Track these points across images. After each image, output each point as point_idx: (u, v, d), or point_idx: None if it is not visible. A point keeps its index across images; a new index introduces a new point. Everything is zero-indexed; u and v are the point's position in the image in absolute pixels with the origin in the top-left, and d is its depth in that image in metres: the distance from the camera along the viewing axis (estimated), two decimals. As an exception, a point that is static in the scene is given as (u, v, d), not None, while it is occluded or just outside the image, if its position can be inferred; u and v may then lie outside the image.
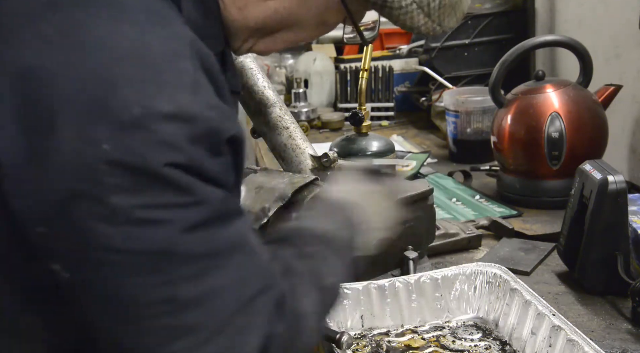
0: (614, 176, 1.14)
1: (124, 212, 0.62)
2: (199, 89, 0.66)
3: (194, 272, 0.66)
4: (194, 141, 0.64)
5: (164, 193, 0.63)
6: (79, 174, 0.62)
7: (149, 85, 0.64)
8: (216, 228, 0.67)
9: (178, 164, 0.63)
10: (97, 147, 0.61)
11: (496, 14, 2.28)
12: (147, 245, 0.63)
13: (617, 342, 1.05)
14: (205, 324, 0.67)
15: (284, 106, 1.25)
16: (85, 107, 0.62)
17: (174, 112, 0.63)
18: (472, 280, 1.15)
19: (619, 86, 1.61)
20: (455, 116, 1.96)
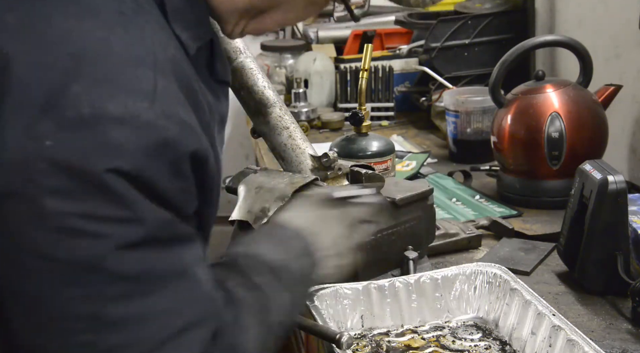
0: (614, 176, 1.15)
1: (56, 218, 0.60)
2: (157, 98, 0.64)
3: (122, 293, 0.63)
4: (146, 151, 0.62)
5: (102, 203, 0.61)
6: (17, 170, 0.60)
7: (103, 86, 0.62)
8: (153, 252, 0.64)
9: (121, 172, 0.61)
10: (39, 143, 0.60)
11: (496, 14, 2.27)
12: (76, 256, 0.61)
13: (617, 342, 1.05)
14: (129, 349, 0.64)
15: (284, 106, 1.25)
16: (35, 100, 0.61)
17: (126, 117, 0.61)
18: (472, 280, 1.15)
19: (619, 86, 1.60)
20: (455, 116, 1.96)
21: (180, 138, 0.65)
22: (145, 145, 0.62)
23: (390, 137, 2.12)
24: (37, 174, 0.59)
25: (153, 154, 0.62)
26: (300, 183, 1.08)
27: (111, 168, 0.60)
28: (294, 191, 1.06)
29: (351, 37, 2.74)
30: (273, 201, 1.05)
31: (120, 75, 0.63)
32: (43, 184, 0.59)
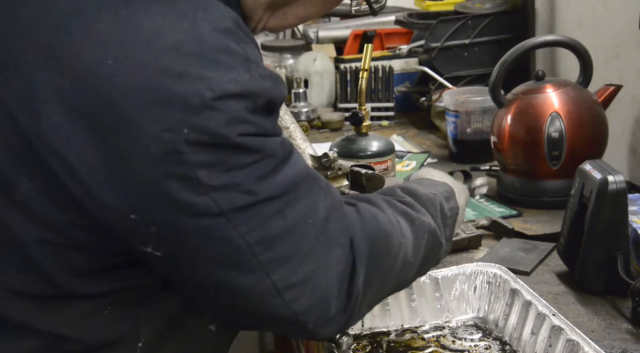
0: (614, 176, 1.14)
1: (210, 182, 0.70)
2: (250, 65, 0.72)
3: (278, 209, 0.74)
4: (256, 111, 0.72)
5: (240, 157, 0.71)
6: (164, 159, 0.68)
7: (212, 69, 0.69)
8: (284, 170, 0.75)
9: (249, 133, 0.71)
10: (176, 132, 0.67)
11: (496, 14, 2.27)
12: (235, 203, 0.71)
13: (617, 342, 1.05)
14: (295, 251, 0.76)
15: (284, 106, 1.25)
16: (150, 97, 0.67)
17: (239, 91, 0.70)
18: (472, 280, 1.15)
19: (619, 86, 1.60)
20: (455, 116, 1.96)
21: (275, 92, 0.75)
22: (257, 106, 0.73)
23: (390, 137, 2.12)
24: (184, 156, 0.68)
25: (263, 109, 0.74)
26: (301, 183, 1.08)
27: (242, 133, 0.71)
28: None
29: (351, 37, 2.74)
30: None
31: (219, 55, 0.70)
32: (191, 161, 0.68)
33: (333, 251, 0.79)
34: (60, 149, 0.68)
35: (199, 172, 0.69)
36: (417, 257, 0.92)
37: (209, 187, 0.70)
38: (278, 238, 0.75)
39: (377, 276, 0.86)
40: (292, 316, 0.78)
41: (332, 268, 0.79)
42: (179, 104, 0.67)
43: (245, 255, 0.73)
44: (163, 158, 0.68)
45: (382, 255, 0.85)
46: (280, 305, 0.77)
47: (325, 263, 0.78)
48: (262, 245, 0.74)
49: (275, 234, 0.75)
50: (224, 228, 0.72)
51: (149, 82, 0.67)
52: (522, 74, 2.05)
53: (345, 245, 0.81)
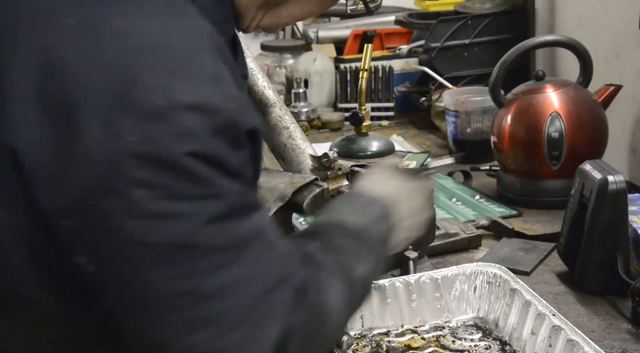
0: (614, 176, 1.15)
1: (146, 206, 0.63)
2: (218, 81, 0.68)
3: (214, 265, 0.66)
4: (214, 133, 0.65)
5: (184, 185, 0.64)
6: (103, 168, 0.63)
7: (172, 76, 0.65)
8: (235, 221, 0.68)
9: (198, 154, 0.64)
10: (121, 139, 0.63)
11: (496, 14, 2.27)
12: (168, 238, 0.64)
13: (617, 342, 1.05)
14: (225, 316, 0.67)
15: (284, 106, 1.25)
16: (108, 99, 0.63)
17: (195, 103, 0.65)
18: (472, 280, 1.15)
19: (619, 86, 1.61)
20: (455, 116, 1.96)
21: (241, 116, 0.69)
22: (214, 127, 0.66)
23: (390, 137, 2.12)
24: (124, 169, 0.63)
25: (221, 134, 0.66)
26: (300, 183, 1.08)
27: (188, 152, 0.64)
28: (293, 191, 1.06)
29: (351, 37, 2.74)
30: (273, 201, 1.06)
31: (184, 64, 0.66)
32: (130, 177, 0.63)
33: (269, 326, 0.70)
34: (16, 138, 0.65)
35: (136, 191, 0.63)
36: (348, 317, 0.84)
37: (143, 211, 0.63)
38: (209, 297, 0.66)
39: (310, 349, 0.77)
40: None
41: (263, 345, 0.69)
42: (129, 109, 0.63)
43: (165, 304, 0.66)
44: (103, 167, 0.63)
45: (317, 336, 0.76)
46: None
47: (257, 338, 0.69)
48: (189, 298, 0.66)
49: (207, 291, 0.66)
50: (149, 264, 0.65)
51: (108, 82, 0.64)
52: (522, 74, 2.05)
53: (283, 323, 0.70)
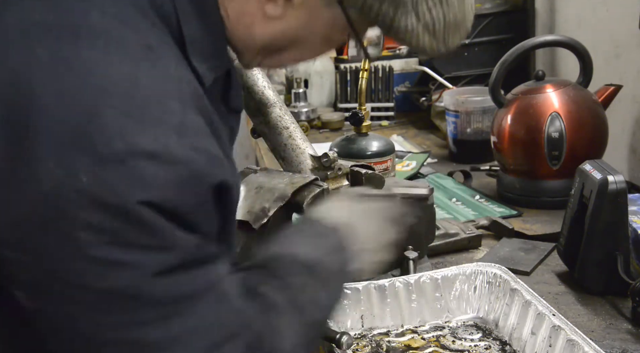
0: (614, 176, 1.14)
1: (91, 250, 0.61)
2: (185, 131, 0.65)
3: (159, 316, 0.65)
4: (173, 183, 0.63)
5: (135, 234, 0.62)
6: (52, 204, 0.61)
7: (135, 121, 0.63)
8: (185, 275, 0.66)
9: (152, 204, 0.62)
10: (74, 178, 0.61)
11: (496, 14, 2.28)
12: (113, 285, 0.62)
13: (617, 342, 1.05)
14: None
15: (284, 106, 1.25)
16: (68, 135, 0.62)
17: (155, 151, 0.63)
18: (472, 280, 1.15)
19: (619, 86, 1.61)
20: (455, 116, 1.96)
21: (207, 170, 0.67)
22: (174, 178, 0.64)
23: (390, 137, 2.12)
24: (72, 208, 0.61)
25: (182, 186, 0.64)
26: (300, 183, 1.08)
27: (143, 200, 0.62)
28: (293, 191, 1.06)
29: (351, 37, 2.74)
30: (273, 201, 1.05)
31: (149, 109, 0.64)
32: (78, 218, 0.61)
33: None
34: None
35: (82, 234, 0.61)
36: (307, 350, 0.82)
37: (88, 256, 0.61)
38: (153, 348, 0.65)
39: None
40: None
41: None
42: (87, 149, 0.61)
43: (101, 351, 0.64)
44: (52, 202, 0.61)
45: None
46: None
47: None
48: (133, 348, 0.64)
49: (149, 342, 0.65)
50: (90, 309, 0.63)
51: (68, 115, 0.62)
52: (522, 74, 2.05)
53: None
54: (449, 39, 0.85)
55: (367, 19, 0.82)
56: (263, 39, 0.83)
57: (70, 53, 0.65)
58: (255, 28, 0.82)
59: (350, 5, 0.81)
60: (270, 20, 0.81)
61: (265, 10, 0.80)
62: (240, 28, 0.82)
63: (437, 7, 0.81)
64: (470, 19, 0.87)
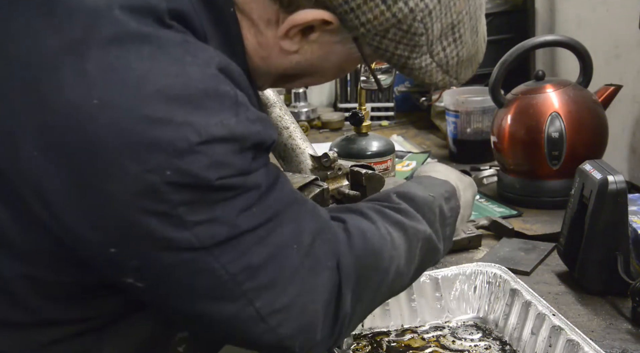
0: (614, 176, 1.15)
1: (190, 217, 0.69)
2: (239, 108, 0.72)
3: (260, 237, 0.74)
4: (242, 153, 0.72)
5: (221, 194, 0.71)
6: (144, 197, 0.67)
7: (199, 112, 0.69)
8: (268, 199, 0.75)
9: (229, 175, 0.71)
10: (158, 174, 0.67)
11: (496, 14, 2.28)
12: (216, 236, 0.71)
13: (617, 342, 1.05)
14: (279, 277, 0.75)
15: (284, 106, 1.25)
16: (138, 141, 0.66)
17: (226, 135, 0.70)
18: (472, 280, 1.15)
19: (619, 86, 1.61)
20: (455, 116, 1.96)
21: (265, 134, 0.75)
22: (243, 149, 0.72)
23: (390, 137, 2.12)
24: (164, 195, 0.67)
25: (249, 152, 0.73)
26: (300, 183, 1.08)
27: (220, 177, 0.70)
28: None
29: (351, 37, 2.74)
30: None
31: (207, 99, 0.70)
32: (171, 200, 0.68)
33: (319, 275, 0.79)
34: (37, 183, 0.68)
35: (179, 209, 0.69)
36: (410, 266, 0.92)
37: (189, 223, 0.69)
38: (261, 266, 0.74)
39: (367, 293, 0.85)
40: (277, 341, 0.77)
41: (318, 292, 0.79)
42: (163, 148, 0.67)
43: (228, 285, 0.73)
44: (143, 196, 0.67)
45: (371, 273, 0.85)
46: (264, 331, 0.76)
47: (311, 288, 0.78)
48: (245, 273, 0.74)
49: (258, 262, 0.74)
50: (206, 261, 0.72)
51: (134, 125, 0.67)
52: (522, 74, 2.05)
53: (332, 268, 0.80)
54: (461, 73, 0.87)
55: (381, 59, 0.84)
56: (279, 69, 0.86)
57: (121, 65, 0.68)
58: (272, 60, 0.85)
59: (366, 43, 0.82)
60: (286, 54, 0.84)
61: (281, 46, 0.83)
62: (256, 59, 0.85)
63: (452, 46, 0.83)
64: (483, 50, 0.90)
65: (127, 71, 0.68)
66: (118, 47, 0.69)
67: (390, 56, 0.82)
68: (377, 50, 0.82)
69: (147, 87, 0.67)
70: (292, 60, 0.84)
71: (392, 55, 0.82)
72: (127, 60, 0.68)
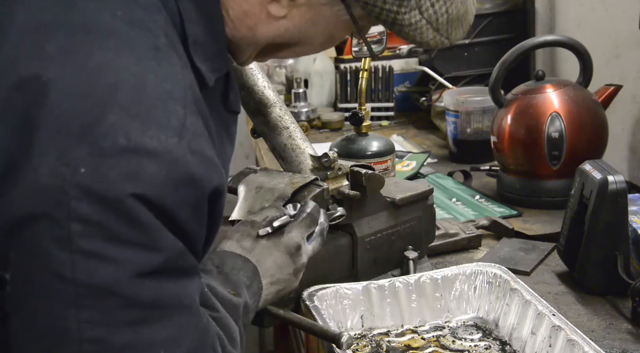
0: (614, 176, 1.14)
1: (80, 241, 0.62)
2: (185, 133, 0.67)
3: (132, 319, 0.65)
4: (170, 183, 0.65)
5: (124, 229, 0.63)
6: (48, 194, 0.62)
7: (138, 119, 0.65)
8: (166, 281, 0.66)
9: (144, 198, 0.63)
10: (73, 169, 0.62)
11: (496, 14, 2.27)
12: (94, 279, 0.63)
13: (617, 342, 1.05)
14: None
15: (284, 106, 1.25)
16: (72, 128, 0.63)
17: (156, 150, 0.64)
18: (472, 280, 1.15)
19: (619, 86, 1.61)
20: (455, 116, 1.96)
21: (204, 174, 0.68)
22: (173, 178, 0.65)
23: (390, 137, 2.12)
24: (68, 199, 0.62)
25: (178, 187, 0.65)
26: (300, 184, 1.08)
27: (135, 193, 0.63)
28: (293, 191, 1.06)
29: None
30: (273, 201, 1.05)
31: (153, 109, 0.66)
32: (72, 209, 0.62)
33: None
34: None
35: (74, 225, 0.62)
36: None
37: (75, 246, 0.62)
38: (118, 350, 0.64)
39: None
40: None
41: None
42: (90, 144, 0.63)
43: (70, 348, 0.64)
44: (48, 193, 0.62)
45: None
46: None
47: None
48: (95, 346, 0.64)
49: (117, 345, 0.64)
50: (64, 301, 0.63)
51: (76, 112, 0.64)
52: (522, 74, 2.05)
53: None
54: (452, 33, 0.85)
55: (370, 16, 0.83)
56: (267, 38, 0.84)
57: (81, 52, 0.67)
58: (259, 28, 0.82)
59: (354, 2, 0.81)
60: (273, 20, 0.82)
61: (268, 11, 0.81)
62: (242, 29, 0.82)
63: (440, 1, 0.82)
64: (473, 12, 0.88)
65: (84, 57, 0.66)
66: (84, 35, 0.68)
67: (379, 12, 0.81)
68: (365, 7, 0.81)
69: (98, 78, 0.65)
70: (280, 27, 0.82)
71: (381, 11, 0.81)
72: (89, 48, 0.67)
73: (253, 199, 1.08)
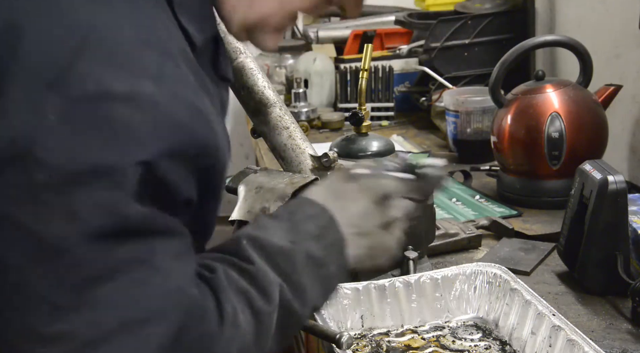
0: (614, 176, 1.15)
1: (41, 192, 0.60)
2: (164, 80, 0.64)
3: (82, 279, 0.62)
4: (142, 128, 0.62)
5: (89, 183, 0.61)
6: (14, 141, 0.60)
7: (109, 65, 0.63)
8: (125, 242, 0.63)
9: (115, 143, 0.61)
10: (42, 118, 0.61)
11: (496, 14, 2.28)
12: (49, 233, 0.61)
13: (617, 342, 1.05)
14: (79, 334, 0.62)
15: (284, 106, 1.25)
16: (43, 75, 0.62)
17: (128, 94, 0.62)
18: (472, 280, 1.15)
19: (619, 86, 1.60)
20: (455, 116, 1.96)
21: (189, 122, 0.65)
22: (149, 123, 0.62)
23: (390, 137, 2.12)
24: (33, 146, 0.60)
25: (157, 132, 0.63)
26: (300, 183, 1.08)
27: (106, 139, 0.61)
28: (294, 191, 1.06)
29: (351, 37, 2.74)
30: (273, 201, 1.05)
31: (126, 56, 0.64)
32: (36, 157, 0.60)
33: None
34: None
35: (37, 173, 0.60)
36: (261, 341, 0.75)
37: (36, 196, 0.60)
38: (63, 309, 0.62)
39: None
40: None
41: None
42: (60, 90, 0.61)
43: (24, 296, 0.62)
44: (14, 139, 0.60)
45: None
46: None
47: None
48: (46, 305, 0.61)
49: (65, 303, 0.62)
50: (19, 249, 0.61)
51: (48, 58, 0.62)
52: (522, 74, 2.05)
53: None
54: None
55: None
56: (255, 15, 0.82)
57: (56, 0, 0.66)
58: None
59: None
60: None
61: None
62: None
63: None
64: None
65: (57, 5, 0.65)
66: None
67: None
68: None
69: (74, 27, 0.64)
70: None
71: None
72: None
73: (253, 199, 1.08)
